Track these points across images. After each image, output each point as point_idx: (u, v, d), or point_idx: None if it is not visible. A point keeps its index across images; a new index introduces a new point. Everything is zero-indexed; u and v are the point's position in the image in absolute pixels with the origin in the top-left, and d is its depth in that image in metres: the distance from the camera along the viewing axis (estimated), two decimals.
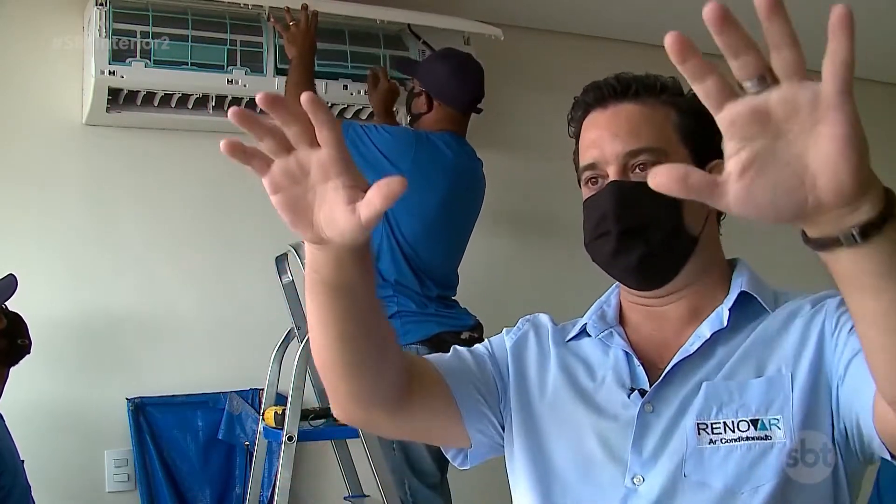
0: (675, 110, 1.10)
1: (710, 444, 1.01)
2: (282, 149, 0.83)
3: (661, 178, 0.67)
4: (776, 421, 0.99)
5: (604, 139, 1.09)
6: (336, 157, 0.82)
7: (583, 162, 1.12)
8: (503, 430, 1.16)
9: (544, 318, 1.24)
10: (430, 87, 2.50)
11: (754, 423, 1.00)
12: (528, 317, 1.25)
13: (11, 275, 2.23)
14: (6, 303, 2.20)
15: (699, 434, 1.01)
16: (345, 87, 2.68)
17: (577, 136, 1.16)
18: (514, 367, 1.18)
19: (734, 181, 0.67)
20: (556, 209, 3.12)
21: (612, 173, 1.08)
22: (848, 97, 0.63)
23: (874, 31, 3.47)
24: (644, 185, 1.03)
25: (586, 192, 1.13)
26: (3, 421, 2.14)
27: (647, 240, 1.07)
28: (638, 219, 1.07)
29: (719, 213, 1.15)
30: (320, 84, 2.59)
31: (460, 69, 2.52)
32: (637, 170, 1.07)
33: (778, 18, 0.63)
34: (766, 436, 0.99)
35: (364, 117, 2.80)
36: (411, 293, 2.41)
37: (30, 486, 2.14)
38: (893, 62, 3.81)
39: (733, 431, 1.00)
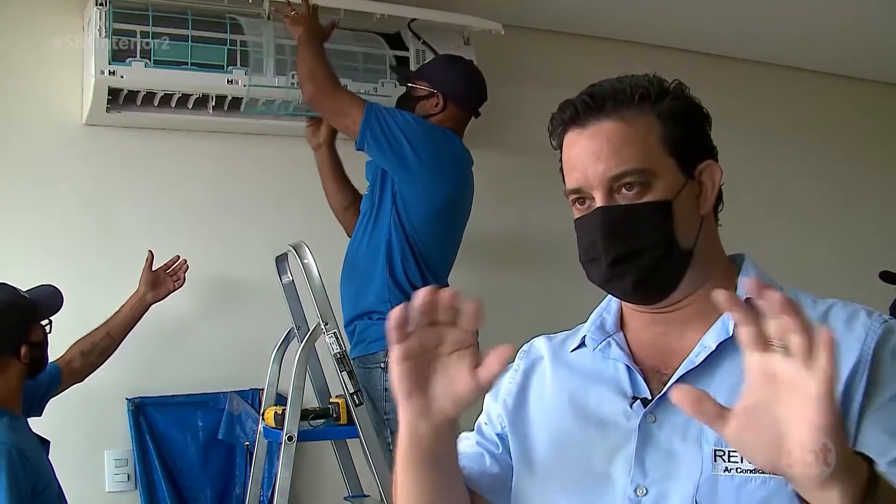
0: (657, 119, 1.06)
1: (725, 472, 0.98)
2: (429, 323, 0.93)
3: (679, 398, 0.80)
4: None
5: (586, 162, 1.06)
6: (474, 333, 0.92)
7: (568, 185, 1.10)
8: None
9: (539, 345, 1.23)
10: (446, 88, 2.54)
11: None
12: (524, 349, 1.24)
13: (53, 287, 2.23)
14: None
15: (715, 460, 0.98)
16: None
17: (559, 149, 1.12)
18: (511, 417, 1.18)
19: (735, 417, 0.79)
20: (557, 209, 3.12)
21: (599, 199, 1.06)
22: (828, 391, 0.75)
23: (874, 31, 3.47)
24: (632, 208, 1.05)
25: (574, 212, 1.11)
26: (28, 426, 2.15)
27: (639, 264, 1.05)
28: (628, 245, 1.05)
29: (716, 207, 1.12)
30: None
31: (471, 72, 2.64)
32: (623, 190, 1.05)
33: (787, 314, 0.76)
34: None
35: None
36: (406, 296, 2.41)
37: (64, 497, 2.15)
38: (893, 62, 3.81)
39: (750, 462, 0.96)
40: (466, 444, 1.19)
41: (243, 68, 2.57)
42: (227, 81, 2.56)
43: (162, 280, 2.54)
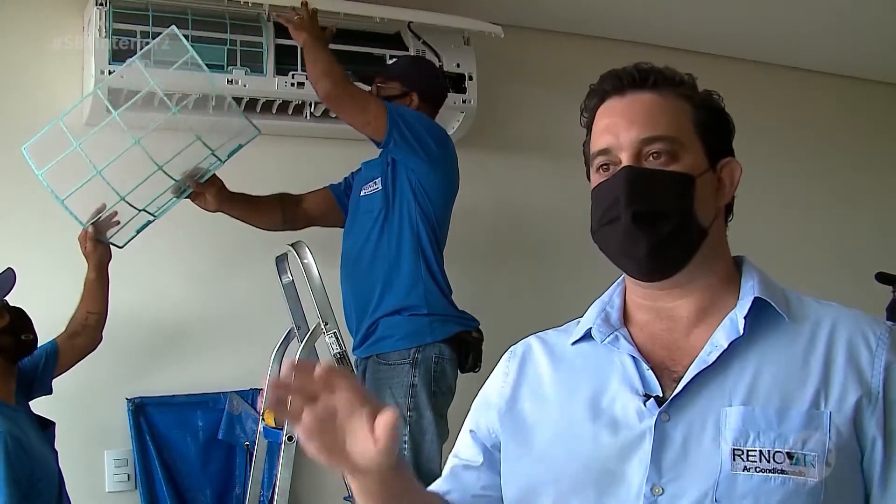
0: (690, 104, 1.11)
1: (744, 470, 0.99)
2: (308, 400, 0.94)
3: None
4: (812, 458, 0.99)
5: (619, 126, 1.09)
6: (357, 389, 0.96)
7: (595, 148, 1.11)
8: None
9: (529, 344, 1.22)
10: (417, 87, 2.57)
11: (790, 456, 0.99)
12: (512, 350, 1.23)
13: (10, 269, 2.22)
14: (6, 298, 2.19)
15: (734, 459, 1.00)
16: None
17: (589, 125, 1.14)
18: (505, 420, 1.17)
19: None
20: (556, 208, 3.12)
21: (626, 159, 1.08)
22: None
23: (874, 31, 3.47)
24: (658, 173, 1.07)
25: (596, 179, 1.11)
26: (29, 418, 2.15)
27: (658, 227, 1.06)
28: (649, 205, 1.06)
29: (727, 213, 1.15)
30: None
31: (438, 72, 2.72)
32: (651, 158, 1.07)
33: None
34: (799, 472, 0.98)
35: None
36: (439, 289, 2.45)
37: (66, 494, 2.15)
38: (893, 62, 3.81)
39: (769, 461, 0.99)
40: (451, 469, 1.24)
41: (243, 68, 2.57)
42: (227, 81, 2.56)
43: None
